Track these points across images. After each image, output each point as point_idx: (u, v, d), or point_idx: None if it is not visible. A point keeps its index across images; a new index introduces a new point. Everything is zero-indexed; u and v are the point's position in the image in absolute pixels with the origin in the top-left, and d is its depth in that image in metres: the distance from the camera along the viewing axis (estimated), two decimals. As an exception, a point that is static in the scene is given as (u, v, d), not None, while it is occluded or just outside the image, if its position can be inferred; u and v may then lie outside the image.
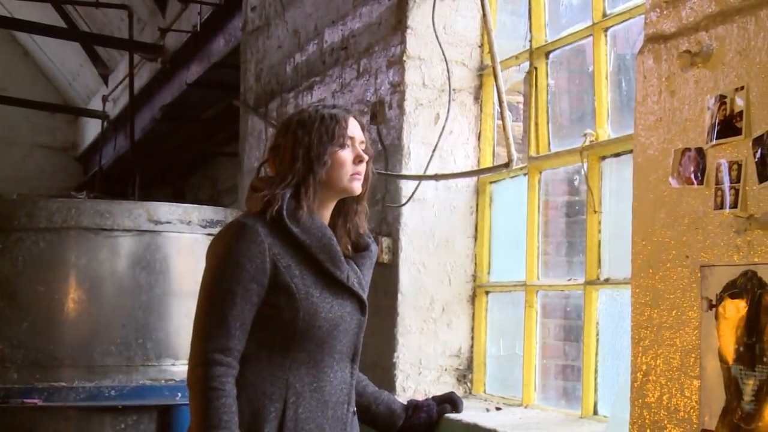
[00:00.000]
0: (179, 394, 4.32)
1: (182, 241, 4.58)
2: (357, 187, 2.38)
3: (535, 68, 3.72)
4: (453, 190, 4.05)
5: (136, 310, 4.43)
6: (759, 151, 2.08)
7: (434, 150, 3.94)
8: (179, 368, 4.43)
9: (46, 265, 4.41)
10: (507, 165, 3.68)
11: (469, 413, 3.35)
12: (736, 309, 2.11)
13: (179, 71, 8.32)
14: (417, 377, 3.92)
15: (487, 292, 4.03)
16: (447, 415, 3.17)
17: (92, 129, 13.02)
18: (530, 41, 3.76)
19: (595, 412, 3.28)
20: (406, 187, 3.98)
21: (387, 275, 4.01)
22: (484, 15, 3.80)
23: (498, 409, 3.62)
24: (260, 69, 5.83)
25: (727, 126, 2.18)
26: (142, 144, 9.65)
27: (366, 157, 2.38)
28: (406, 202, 3.95)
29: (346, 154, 2.35)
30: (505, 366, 3.94)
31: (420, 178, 3.94)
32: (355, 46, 4.50)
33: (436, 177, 3.95)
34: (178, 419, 4.35)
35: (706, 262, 2.21)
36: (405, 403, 2.95)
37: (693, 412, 2.21)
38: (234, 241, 2.25)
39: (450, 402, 2.93)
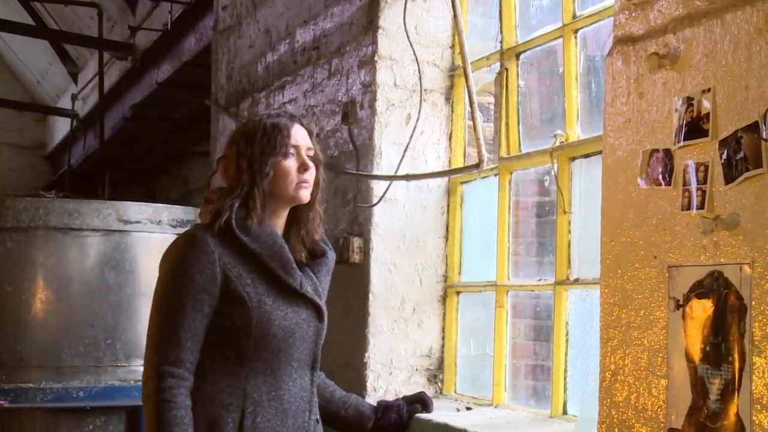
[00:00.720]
0: (148, 395, 4.27)
1: (152, 240, 4.55)
2: (304, 196, 2.36)
3: (506, 69, 3.74)
4: (424, 190, 4.06)
5: (105, 310, 4.40)
6: (725, 152, 2.10)
7: (405, 150, 3.95)
8: (149, 369, 4.38)
9: (13, 265, 4.37)
10: (478, 165, 3.70)
11: (439, 413, 3.36)
12: (702, 309, 2.13)
13: (150, 70, 8.26)
14: (388, 377, 3.93)
15: (457, 292, 4.04)
16: (417, 414, 3.17)
17: (61, 128, 12.89)
18: (501, 42, 3.78)
19: (565, 412, 3.30)
20: (378, 187, 3.98)
21: (358, 275, 4.01)
22: (455, 16, 3.82)
23: (468, 408, 3.63)
24: (232, 68, 5.81)
25: (695, 128, 2.20)
26: (112, 143, 9.57)
27: (311, 165, 2.36)
28: (378, 202, 3.96)
29: (289, 164, 2.33)
30: (476, 366, 3.95)
31: (391, 178, 3.95)
32: (327, 46, 4.49)
33: (408, 177, 3.95)
34: (147, 420, 4.30)
35: (673, 263, 2.23)
36: (374, 404, 2.95)
37: (660, 411, 2.23)
38: (183, 253, 2.25)
39: (420, 402, 2.93)
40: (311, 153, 2.38)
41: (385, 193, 3.94)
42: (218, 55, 6.05)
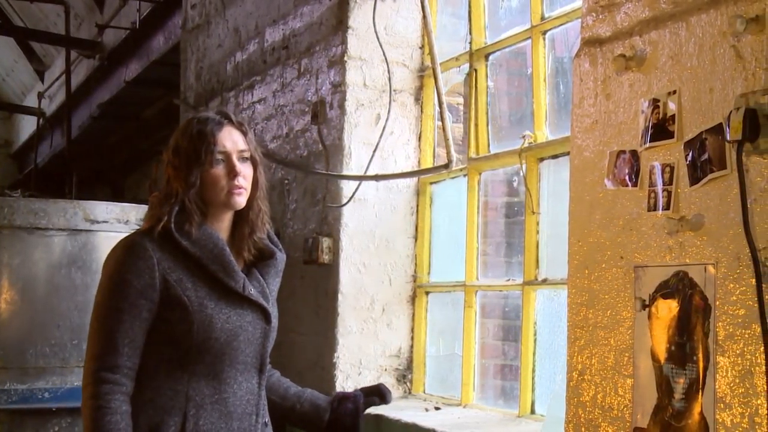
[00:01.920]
0: (115, 396, 4.24)
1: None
2: (237, 203, 2.29)
3: (475, 70, 3.76)
4: (394, 190, 4.06)
5: (72, 310, 4.35)
6: (690, 154, 2.12)
7: (375, 150, 3.95)
8: (116, 370, 4.34)
9: (-23, 265, 4.31)
10: (447, 166, 3.70)
11: (408, 413, 3.37)
12: (668, 309, 2.15)
13: (118, 68, 8.19)
14: (357, 377, 3.92)
15: (427, 293, 4.05)
16: (386, 414, 3.17)
17: (27, 126, 12.75)
18: (470, 43, 3.79)
19: (533, 411, 3.31)
20: (347, 187, 3.98)
21: (327, 275, 4.00)
22: (424, 17, 3.83)
23: (437, 408, 3.63)
24: (200, 67, 5.77)
25: (660, 129, 2.22)
26: (79, 142, 9.48)
27: (240, 171, 2.27)
28: (347, 203, 3.95)
29: (217, 172, 2.26)
30: (445, 366, 3.96)
31: (361, 178, 3.95)
32: (296, 45, 4.48)
33: (377, 177, 3.95)
34: (114, 422, 4.27)
35: (639, 263, 2.25)
36: (331, 396, 2.94)
37: (626, 410, 2.25)
38: (122, 259, 2.23)
39: (378, 394, 2.88)
40: (245, 154, 2.30)
41: (354, 193, 3.94)
42: (187, 54, 6.01)
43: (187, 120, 2.37)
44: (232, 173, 2.26)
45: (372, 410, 3.70)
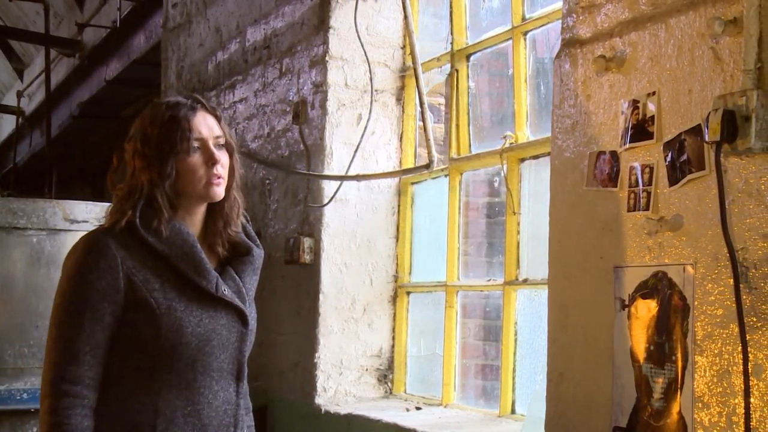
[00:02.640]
0: (95, 397, 4.23)
1: (99, 240, 4.48)
2: (217, 193, 2.10)
3: (456, 70, 3.76)
4: (375, 190, 4.06)
5: (49, 310, 4.32)
6: (669, 154, 2.13)
7: (356, 150, 3.95)
8: (95, 370, 4.33)
9: (-45, 265, 4.28)
10: (428, 166, 3.71)
11: (389, 413, 3.37)
12: (647, 309, 2.16)
13: (98, 67, 8.15)
14: (338, 377, 3.92)
15: (408, 293, 4.05)
16: (367, 414, 3.17)
17: (6, 125, 12.65)
18: (451, 44, 3.79)
19: (513, 411, 3.32)
20: (329, 187, 3.97)
21: (308, 276, 3.99)
22: (406, 17, 3.83)
23: (418, 408, 3.64)
24: (181, 67, 5.75)
25: (640, 130, 2.23)
26: (59, 141, 9.42)
27: (219, 159, 2.08)
28: (328, 203, 3.95)
29: (194, 160, 2.07)
30: (426, 366, 3.96)
31: (342, 178, 3.94)
32: (278, 45, 4.47)
33: (358, 177, 3.95)
34: (93, 423, 4.25)
35: (619, 263, 2.26)
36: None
37: (605, 410, 2.26)
38: (82, 258, 2.02)
39: None
40: (221, 141, 2.11)
41: (335, 193, 3.94)
42: (168, 53, 5.99)
43: (152, 105, 2.16)
44: (210, 161, 2.08)
45: (353, 410, 3.72)
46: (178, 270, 2.05)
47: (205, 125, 2.11)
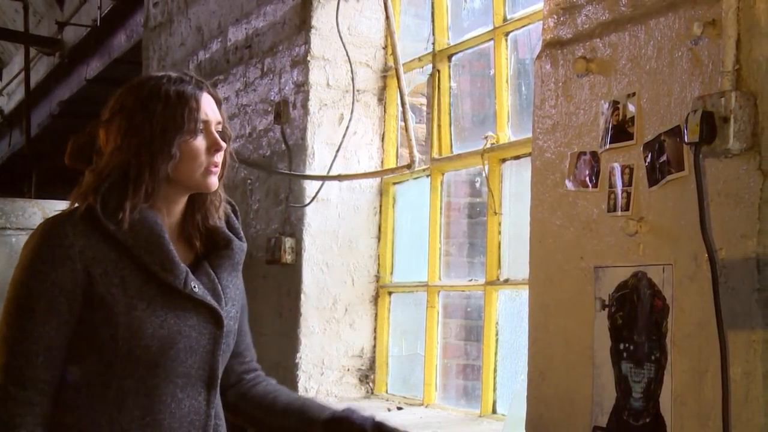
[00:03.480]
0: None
1: (79, 240, 4.47)
2: (213, 183, 1.91)
3: (438, 71, 3.76)
4: (357, 190, 4.06)
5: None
6: (649, 155, 2.14)
7: (338, 150, 3.95)
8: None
9: (-67, 266, 4.24)
10: (409, 166, 3.71)
11: (370, 413, 3.36)
12: (627, 309, 2.17)
13: (78, 66, 8.11)
14: (319, 377, 3.92)
15: (389, 293, 4.05)
16: (348, 415, 3.16)
17: (-15, 124, 12.56)
18: (433, 44, 3.80)
19: (494, 411, 3.33)
20: (310, 187, 3.97)
21: (290, 275, 3.99)
22: (387, 17, 3.83)
23: (399, 408, 3.64)
24: (163, 66, 5.73)
25: (620, 131, 2.24)
26: (39, 140, 9.37)
27: (223, 146, 1.91)
28: (310, 203, 3.94)
29: (198, 144, 1.87)
30: (407, 366, 3.97)
31: (323, 178, 3.94)
32: (260, 45, 4.47)
33: (340, 177, 3.95)
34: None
35: (599, 264, 2.27)
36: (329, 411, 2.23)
37: (586, 409, 2.27)
38: (36, 247, 1.81)
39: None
40: (220, 127, 1.93)
41: (317, 193, 3.94)
42: (149, 52, 5.96)
43: (148, 78, 1.95)
44: (214, 147, 1.89)
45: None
46: (142, 263, 1.82)
47: (210, 108, 1.93)
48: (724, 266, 1.92)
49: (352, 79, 3.98)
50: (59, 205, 4.48)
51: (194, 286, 1.87)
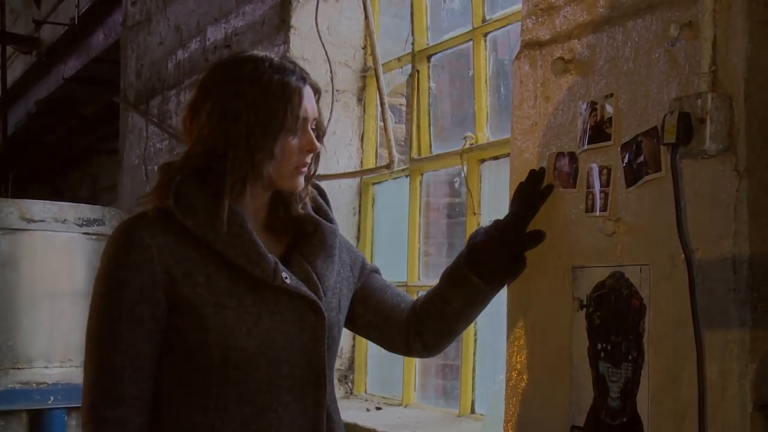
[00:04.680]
0: (51, 398, 4.19)
1: (57, 240, 4.44)
2: (299, 183, 1.78)
3: (417, 71, 3.77)
4: (336, 190, 4.05)
5: (6, 311, 4.27)
6: (626, 156, 2.15)
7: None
8: (53, 371, 4.29)
9: None
10: (389, 166, 3.71)
11: (349, 413, 3.36)
12: (604, 309, 2.18)
13: (56, 65, 8.06)
14: (298, 378, 3.91)
15: (369, 293, 4.04)
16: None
17: (-38, 123, 12.45)
18: (412, 44, 3.80)
19: (473, 411, 3.33)
20: (289, 187, 3.96)
21: (269, 276, 3.97)
22: (367, 17, 3.83)
23: (378, 408, 3.64)
24: (141, 65, 5.70)
25: (598, 132, 2.25)
26: (15, 139, 9.30)
27: (319, 147, 1.80)
28: (289, 203, 3.93)
29: (294, 143, 1.74)
30: (386, 366, 3.96)
31: (303, 178, 3.93)
32: (239, 44, 4.45)
33: (319, 177, 3.93)
34: (50, 423, 4.21)
35: (577, 264, 2.28)
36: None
37: (563, 409, 2.28)
38: (113, 250, 1.67)
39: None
40: (314, 125, 1.79)
41: (296, 193, 3.93)
42: (127, 51, 5.93)
43: (248, 58, 1.75)
44: (309, 146, 1.76)
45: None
46: (226, 258, 1.67)
47: (311, 103, 1.78)
48: (701, 266, 1.93)
49: (332, 79, 3.98)
50: (36, 204, 4.45)
51: (285, 277, 1.71)
